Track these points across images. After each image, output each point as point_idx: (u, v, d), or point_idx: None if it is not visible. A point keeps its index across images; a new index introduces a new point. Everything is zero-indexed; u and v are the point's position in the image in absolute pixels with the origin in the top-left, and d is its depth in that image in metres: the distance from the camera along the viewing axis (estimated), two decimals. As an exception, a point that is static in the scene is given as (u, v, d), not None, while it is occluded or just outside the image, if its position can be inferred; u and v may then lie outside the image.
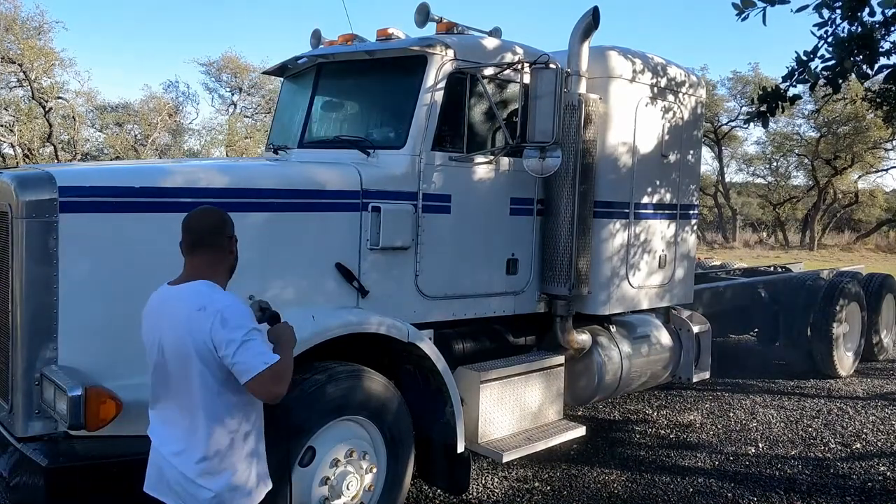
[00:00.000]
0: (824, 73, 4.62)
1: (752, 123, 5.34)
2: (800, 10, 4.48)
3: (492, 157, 4.80)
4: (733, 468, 5.63)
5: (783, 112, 5.29)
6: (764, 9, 4.34)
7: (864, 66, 4.59)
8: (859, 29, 4.43)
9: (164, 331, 2.51)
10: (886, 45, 4.80)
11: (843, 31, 4.51)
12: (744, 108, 28.41)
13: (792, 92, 4.99)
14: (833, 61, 4.53)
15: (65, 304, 3.37)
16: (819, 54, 4.61)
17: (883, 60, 4.62)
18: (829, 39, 4.51)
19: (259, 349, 2.42)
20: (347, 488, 3.83)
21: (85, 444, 3.33)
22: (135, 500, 3.35)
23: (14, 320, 3.40)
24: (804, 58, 4.66)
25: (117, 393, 3.29)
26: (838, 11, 4.40)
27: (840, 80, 4.59)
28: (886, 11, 4.39)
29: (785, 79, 4.85)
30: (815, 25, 4.56)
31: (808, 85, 4.75)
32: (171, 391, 2.54)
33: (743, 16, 4.55)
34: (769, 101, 5.03)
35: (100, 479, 3.28)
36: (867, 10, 4.36)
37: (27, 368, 3.36)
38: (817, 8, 4.36)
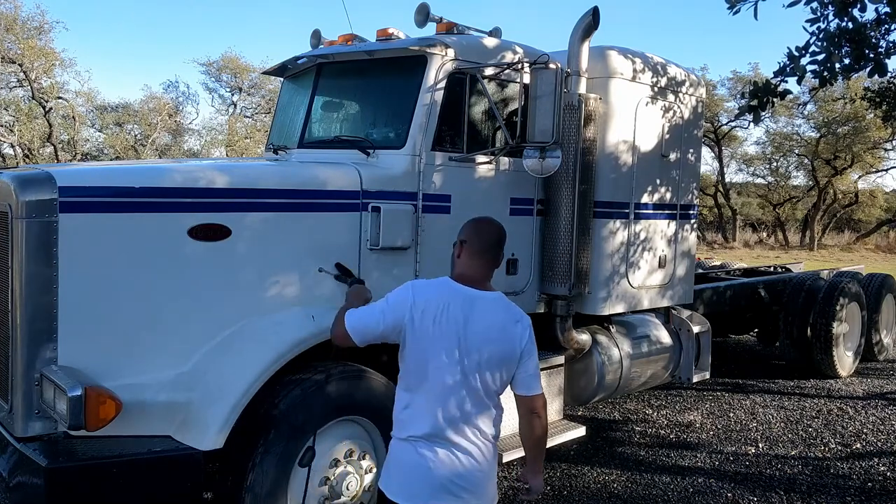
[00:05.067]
0: (812, 66, 4.64)
1: (743, 117, 5.42)
2: (791, 4, 4.49)
3: (492, 157, 4.80)
4: (733, 468, 5.63)
5: (773, 107, 5.30)
6: (755, 3, 4.35)
7: (851, 61, 4.61)
8: (850, 25, 4.44)
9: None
10: (882, 43, 4.82)
11: (833, 27, 4.54)
12: (734, 104, 28.35)
13: (783, 87, 5.00)
14: (822, 55, 4.55)
15: (65, 304, 3.37)
16: (810, 50, 4.63)
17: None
18: (820, 35, 4.53)
19: None
20: (347, 488, 3.82)
21: (85, 444, 3.33)
22: (134, 500, 3.37)
23: (14, 320, 3.40)
24: (795, 53, 4.68)
25: (117, 393, 3.30)
26: (831, 8, 4.41)
27: (827, 74, 4.60)
28: (879, 9, 4.40)
29: (776, 74, 4.86)
30: (807, 21, 4.58)
31: (796, 78, 4.76)
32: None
33: (735, 9, 4.55)
34: (760, 96, 5.04)
35: (100, 479, 3.27)
36: (858, 5, 4.38)
37: (27, 368, 3.36)
38: (808, 1, 4.38)
